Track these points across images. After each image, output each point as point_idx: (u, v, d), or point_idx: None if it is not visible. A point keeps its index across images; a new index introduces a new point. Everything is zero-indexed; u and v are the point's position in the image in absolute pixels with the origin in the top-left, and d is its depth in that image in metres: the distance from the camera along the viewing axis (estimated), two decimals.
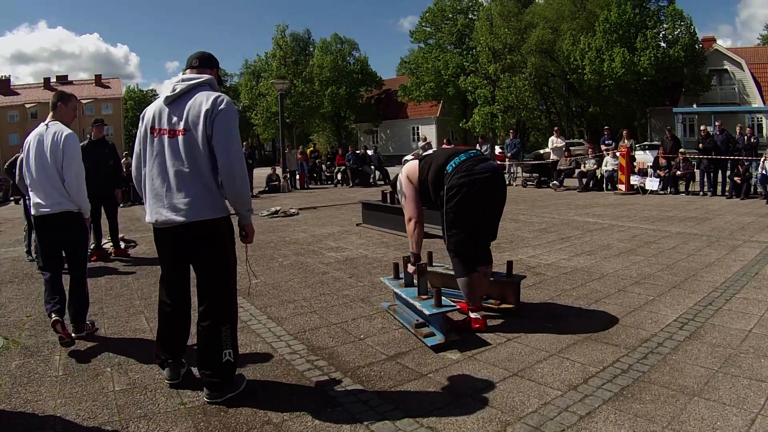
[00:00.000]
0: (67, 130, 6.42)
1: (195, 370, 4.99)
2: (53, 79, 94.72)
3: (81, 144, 10.69)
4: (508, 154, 28.02)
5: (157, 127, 4.62)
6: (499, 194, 6.34)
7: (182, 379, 5.03)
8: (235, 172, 4.51)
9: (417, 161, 6.63)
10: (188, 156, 4.49)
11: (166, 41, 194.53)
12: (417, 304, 5.97)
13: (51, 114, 6.61)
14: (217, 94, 4.59)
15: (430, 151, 6.80)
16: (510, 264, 7.03)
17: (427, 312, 5.77)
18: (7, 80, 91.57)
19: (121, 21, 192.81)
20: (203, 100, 4.50)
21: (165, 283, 4.98)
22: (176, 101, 4.59)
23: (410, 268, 6.46)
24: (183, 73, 4.82)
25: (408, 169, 6.65)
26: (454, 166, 6.12)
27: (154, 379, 5.14)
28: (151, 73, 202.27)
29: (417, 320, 6.17)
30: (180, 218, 4.50)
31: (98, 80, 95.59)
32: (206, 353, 4.72)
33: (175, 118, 4.55)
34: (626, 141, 24.14)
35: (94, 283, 8.97)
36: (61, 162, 6.31)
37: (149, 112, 4.74)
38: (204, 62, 4.86)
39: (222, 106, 4.47)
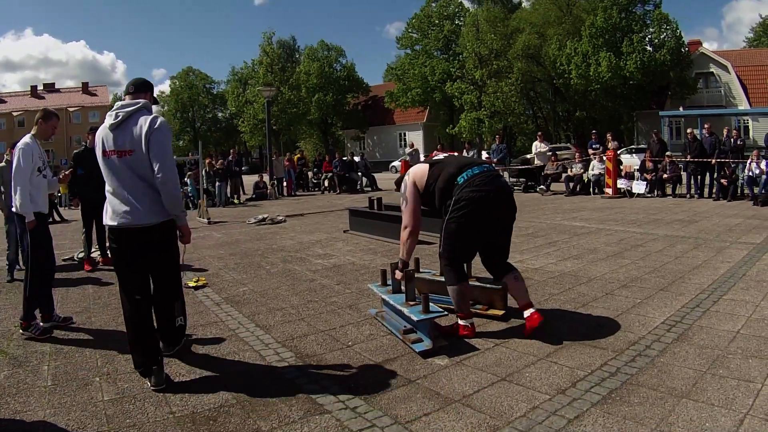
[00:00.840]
0: (21, 142, 7.01)
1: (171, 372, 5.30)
2: (40, 87, 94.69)
3: (76, 151, 10.86)
4: (495, 160, 28.01)
5: (108, 149, 5.38)
6: (508, 211, 6.31)
7: (167, 385, 5.23)
8: (169, 179, 5.27)
9: (427, 165, 6.54)
10: (136, 171, 5.32)
11: (153, 48, 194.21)
12: (405, 311, 5.97)
13: (34, 128, 7.23)
14: (153, 116, 5.40)
15: (441, 157, 6.72)
16: None
17: (414, 318, 5.77)
18: None
19: (107, 28, 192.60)
20: (143, 124, 5.29)
21: (125, 287, 5.53)
22: (120, 126, 5.35)
23: (398, 275, 6.45)
24: (123, 99, 5.71)
25: (416, 173, 6.56)
26: (465, 178, 6.08)
27: (143, 388, 5.13)
28: None
29: (405, 326, 6.17)
30: (136, 223, 5.30)
31: (85, 88, 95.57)
32: (164, 324, 5.82)
33: (120, 141, 5.31)
34: (610, 144, 24.21)
35: (81, 292, 9.04)
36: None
37: (98, 137, 5.52)
38: (139, 88, 5.66)
39: (156, 126, 5.29)
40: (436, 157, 6.73)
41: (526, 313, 6.20)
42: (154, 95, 5.94)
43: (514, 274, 6.36)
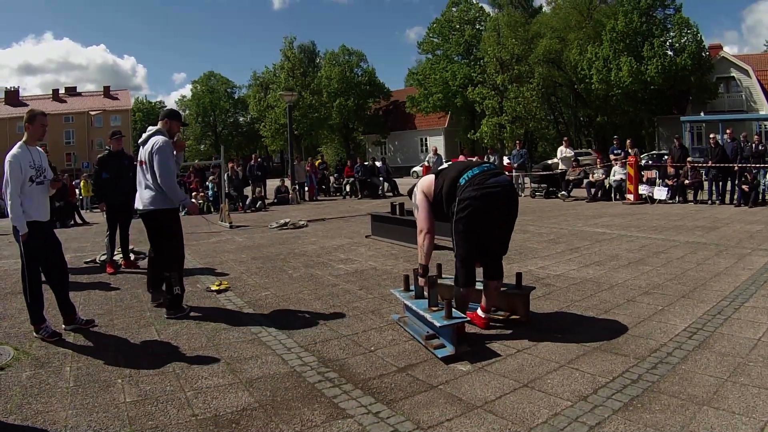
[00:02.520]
0: (9, 154, 6.85)
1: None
2: (62, 91, 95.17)
3: (100, 156, 11.00)
4: (515, 165, 27.99)
5: (138, 159, 8.10)
6: (511, 208, 6.45)
7: (159, 303, 8.19)
8: (168, 187, 7.68)
9: (433, 176, 6.72)
10: (145, 176, 7.84)
11: (173, 52, 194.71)
12: (428, 316, 5.99)
13: (24, 134, 7.13)
14: (156, 138, 7.84)
15: (445, 166, 6.87)
16: (519, 276, 7.10)
17: (437, 324, 5.80)
18: (16, 92, 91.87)
19: (127, 32, 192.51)
20: (150, 145, 7.77)
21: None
22: (143, 145, 7.95)
23: (421, 281, 6.51)
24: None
25: (424, 184, 6.75)
26: (467, 179, 6.26)
27: (165, 390, 5.18)
28: (158, 85, 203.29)
29: (427, 332, 6.20)
30: (146, 208, 7.83)
31: (107, 92, 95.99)
32: (166, 290, 7.91)
33: (141, 155, 7.93)
34: (630, 150, 24.08)
35: (103, 295, 9.14)
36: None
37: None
38: (163, 116, 8.32)
39: (156, 147, 7.70)
40: (441, 167, 6.88)
41: (480, 312, 6.77)
42: (180, 121, 8.51)
43: (497, 284, 6.65)
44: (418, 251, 6.67)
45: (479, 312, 6.73)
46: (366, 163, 33.29)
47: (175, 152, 8.20)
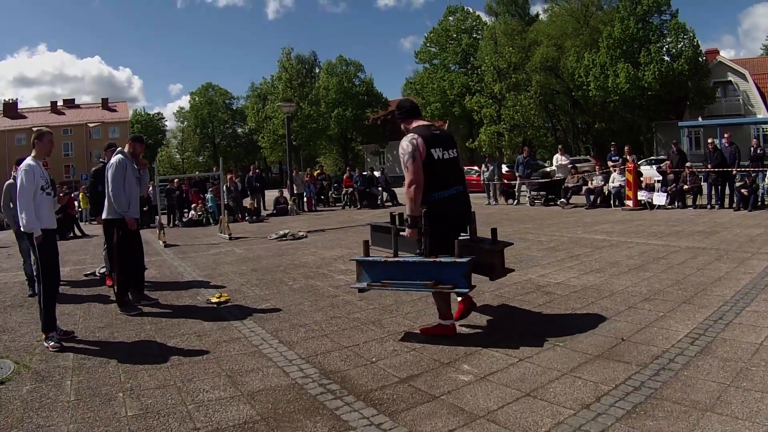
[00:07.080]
0: (23, 164, 7.33)
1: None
2: (60, 103, 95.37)
3: (95, 168, 11.14)
4: (519, 174, 27.90)
5: None
6: (465, 220, 7.13)
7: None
8: (112, 194, 8.99)
9: (425, 149, 6.56)
10: (106, 189, 9.12)
11: (169, 64, 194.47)
12: (442, 259, 6.25)
13: (32, 150, 7.54)
14: (114, 157, 9.26)
15: (435, 153, 6.64)
16: (494, 231, 7.46)
17: (459, 261, 6.10)
18: (15, 103, 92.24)
19: (122, 44, 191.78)
20: (109, 163, 9.30)
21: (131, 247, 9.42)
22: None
23: (409, 233, 6.63)
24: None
25: (421, 145, 6.57)
26: (438, 198, 6.57)
27: (167, 404, 5.16)
28: (154, 96, 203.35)
29: (434, 279, 6.33)
30: (105, 217, 9.32)
31: (105, 104, 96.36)
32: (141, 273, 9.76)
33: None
34: (628, 157, 24.06)
35: (103, 308, 9.15)
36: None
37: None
38: (128, 140, 9.78)
39: (110, 163, 9.21)
40: (432, 150, 6.65)
41: (444, 322, 6.82)
42: (142, 143, 10.12)
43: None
44: (407, 204, 6.65)
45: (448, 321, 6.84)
46: (365, 173, 33.28)
47: (140, 170, 9.74)
